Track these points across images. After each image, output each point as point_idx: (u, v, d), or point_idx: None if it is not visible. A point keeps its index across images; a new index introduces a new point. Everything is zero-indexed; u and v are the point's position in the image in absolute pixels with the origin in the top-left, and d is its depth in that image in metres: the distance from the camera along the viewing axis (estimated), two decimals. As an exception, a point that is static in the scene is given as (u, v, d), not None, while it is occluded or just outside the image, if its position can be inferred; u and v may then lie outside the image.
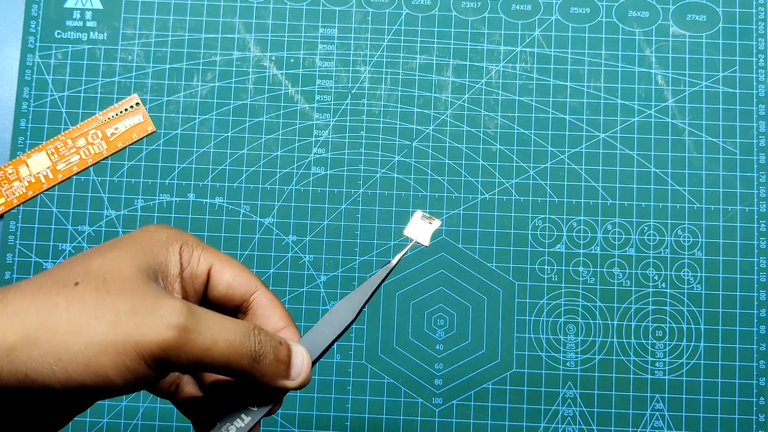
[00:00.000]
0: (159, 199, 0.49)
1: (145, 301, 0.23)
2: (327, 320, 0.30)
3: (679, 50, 0.50)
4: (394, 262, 0.31)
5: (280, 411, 0.47)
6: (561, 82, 0.50)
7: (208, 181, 0.49)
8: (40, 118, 0.50)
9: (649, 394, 0.47)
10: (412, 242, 0.33)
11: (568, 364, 0.47)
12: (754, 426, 0.47)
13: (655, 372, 0.47)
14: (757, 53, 0.50)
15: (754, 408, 0.47)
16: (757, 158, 0.49)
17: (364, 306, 0.30)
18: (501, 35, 0.51)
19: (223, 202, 0.49)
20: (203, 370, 0.25)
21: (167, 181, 0.49)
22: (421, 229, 0.33)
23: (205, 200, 0.49)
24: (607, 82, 0.50)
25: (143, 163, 0.50)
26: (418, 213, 0.33)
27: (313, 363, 0.28)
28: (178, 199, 0.49)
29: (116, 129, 0.50)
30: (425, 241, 0.33)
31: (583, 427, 0.47)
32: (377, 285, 0.31)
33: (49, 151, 0.49)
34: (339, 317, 0.30)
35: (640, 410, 0.47)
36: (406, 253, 0.32)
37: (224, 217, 0.49)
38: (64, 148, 0.49)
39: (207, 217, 0.49)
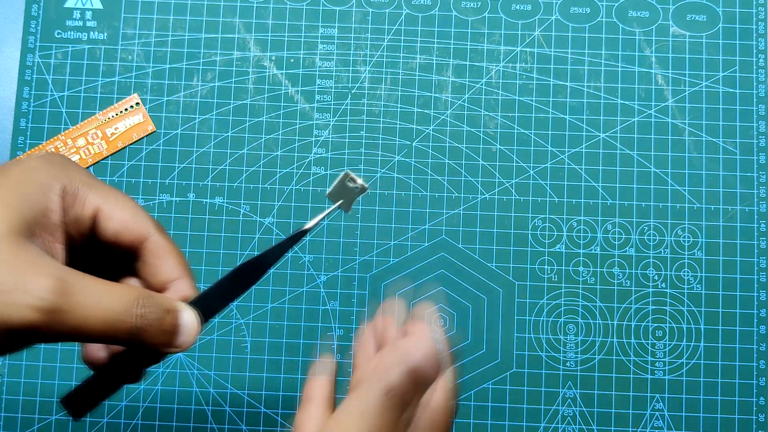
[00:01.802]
0: (159, 199, 0.49)
1: (14, 274, 0.22)
2: (229, 279, 0.28)
3: (679, 50, 0.50)
4: (308, 226, 0.29)
5: (280, 411, 0.47)
6: (561, 82, 0.50)
7: (208, 181, 0.49)
8: (40, 118, 0.50)
9: (649, 394, 0.47)
10: (333, 207, 0.30)
11: (568, 364, 0.47)
12: (754, 426, 0.47)
13: (655, 372, 0.47)
14: (757, 53, 0.50)
15: (754, 408, 0.47)
16: (757, 158, 0.49)
17: (269, 269, 0.29)
18: (501, 35, 0.51)
19: (223, 202, 0.49)
20: (80, 342, 0.24)
21: (167, 181, 0.49)
22: (345, 193, 0.30)
23: (205, 200, 0.49)
24: (607, 82, 0.50)
25: (143, 163, 0.50)
26: (346, 174, 0.30)
27: (206, 320, 0.27)
28: (178, 199, 0.49)
29: (116, 129, 0.50)
30: (347, 207, 0.30)
31: (583, 427, 0.47)
32: (286, 248, 0.29)
33: (49, 151, 0.49)
34: (241, 278, 0.28)
35: (640, 410, 0.47)
36: (324, 218, 0.30)
37: (224, 217, 0.49)
38: (64, 148, 0.49)
39: (207, 217, 0.49)
